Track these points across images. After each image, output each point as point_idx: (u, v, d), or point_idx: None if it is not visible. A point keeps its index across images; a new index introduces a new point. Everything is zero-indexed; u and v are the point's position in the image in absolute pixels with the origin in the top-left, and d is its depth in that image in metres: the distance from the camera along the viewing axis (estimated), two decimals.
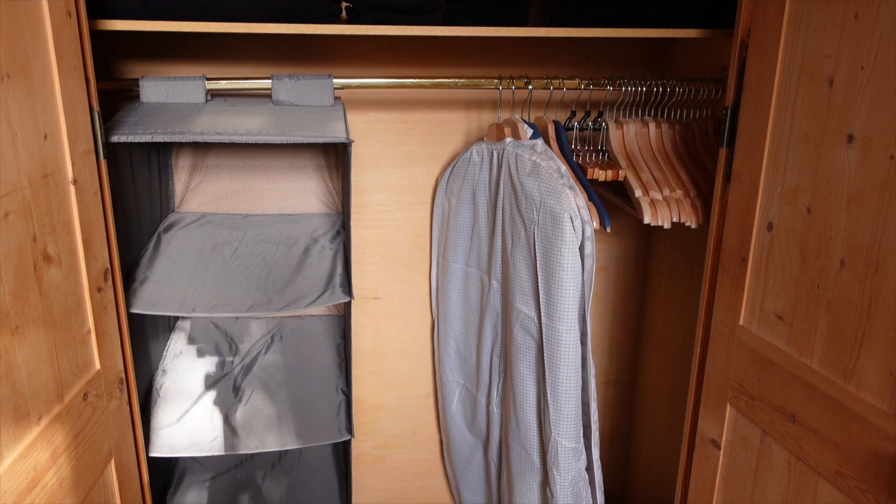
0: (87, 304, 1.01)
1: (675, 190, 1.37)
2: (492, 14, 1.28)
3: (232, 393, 1.48)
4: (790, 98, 1.00)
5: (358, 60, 1.61)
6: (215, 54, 1.56)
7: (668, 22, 1.30)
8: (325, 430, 1.40)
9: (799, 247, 0.99)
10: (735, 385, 1.13)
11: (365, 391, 1.87)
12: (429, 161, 1.71)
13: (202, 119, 1.21)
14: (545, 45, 1.66)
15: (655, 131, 1.45)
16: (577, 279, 1.26)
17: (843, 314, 0.92)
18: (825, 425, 0.95)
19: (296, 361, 1.59)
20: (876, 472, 0.87)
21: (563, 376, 1.30)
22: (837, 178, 0.92)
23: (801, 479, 1.01)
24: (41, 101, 0.88)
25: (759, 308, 1.08)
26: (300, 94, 1.33)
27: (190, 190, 1.62)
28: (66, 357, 0.94)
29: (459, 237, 1.59)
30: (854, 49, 0.88)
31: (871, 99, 0.86)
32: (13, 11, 0.82)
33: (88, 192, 1.01)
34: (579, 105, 1.58)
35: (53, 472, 0.90)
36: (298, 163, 1.63)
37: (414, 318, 1.83)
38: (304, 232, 1.55)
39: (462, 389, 1.72)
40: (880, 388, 0.86)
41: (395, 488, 1.98)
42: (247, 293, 1.29)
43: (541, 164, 1.29)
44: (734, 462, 1.16)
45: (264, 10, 1.20)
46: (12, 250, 0.81)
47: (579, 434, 1.34)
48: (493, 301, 1.51)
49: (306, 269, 1.39)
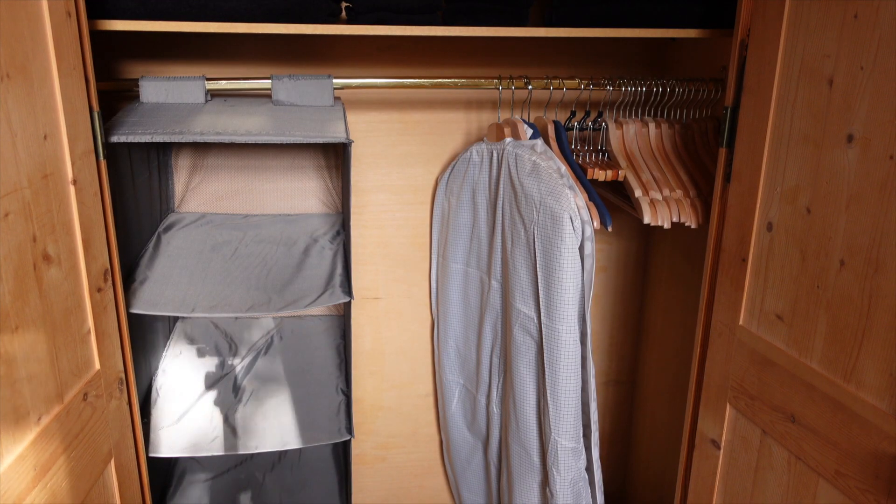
0: (86, 304, 1.01)
1: (674, 190, 1.37)
2: (492, 14, 1.28)
3: (232, 393, 1.48)
4: (790, 98, 1.00)
5: (358, 60, 1.61)
6: (215, 54, 1.56)
7: (667, 22, 1.30)
8: (325, 430, 1.40)
9: (799, 247, 0.99)
10: (735, 385, 1.13)
11: (365, 391, 1.87)
12: (429, 161, 1.71)
13: (202, 119, 1.21)
14: (545, 45, 1.66)
15: (655, 131, 1.45)
16: (577, 279, 1.26)
17: (843, 314, 0.92)
18: (825, 425, 0.95)
19: (296, 362, 1.59)
20: (876, 472, 0.87)
21: (562, 376, 1.30)
22: (837, 178, 0.92)
23: (800, 479, 1.01)
24: (41, 101, 0.88)
25: (759, 308, 1.08)
26: (300, 95, 1.33)
27: (190, 190, 1.62)
28: (66, 357, 0.94)
29: (459, 237, 1.59)
30: (854, 49, 0.88)
31: (871, 99, 0.86)
32: (13, 11, 0.82)
33: (88, 193, 1.01)
34: (579, 105, 1.58)
35: (53, 473, 0.90)
36: (298, 163, 1.63)
37: (414, 318, 1.83)
38: (303, 232, 1.55)
39: (462, 389, 1.72)
40: (880, 388, 0.86)
41: (394, 488, 1.98)
42: (247, 293, 1.29)
43: (540, 164, 1.29)
44: (734, 462, 1.16)
45: (264, 10, 1.20)
46: (12, 250, 0.81)
47: (579, 434, 1.34)
48: (492, 301, 1.51)
49: (306, 269, 1.39)
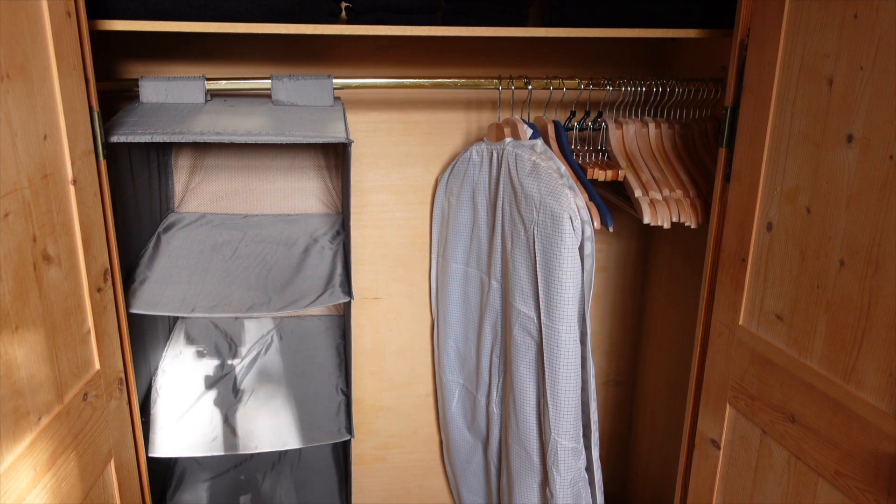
0: (86, 304, 1.01)
1: (674, 190, 1.37)
2: (491, 14, 1.28)
3: (232, 393, 1.48)
4: (789, 98, 1.00)
5: (358, 60, 1.61)
6: (215, 54, 1.56)
7: (667, 22, 1.30)
8: (324, 430, 1.40)
9: (798, 247, 0.99)
10: (735, 385, 1.13)
11: (365, 391, 1.87)
12: (428, 161, 1.71)
13: (202, 119, 1.21)
14: (545, 45, 1.66)
15: (655, 131, 1.45)
16: (577, 279, 1.26)
17: (843, 314, 0.91)
18: (825, 425, 0.95)
19: (295, 362, 1.59)
20: (875, 472, 0.87)
21: (562, 376, 1.30)
22: (837, 178, 0.92)
23: (800, 478, 1.01)
24: (41, 102, 0.88)
25: (759, 308, 1.08)
26: (300, 95, 1.33)
27: (190, 190, 1.62)
28: (66, 357, 0.94)
29: (459, 237, 1.59)
30: (853, 49, 0.88)
31: (871, 99, 0.86)
32: (13, 11, 0.82)
33: (88, 193, 1.01)
34: (579, 105, 1.58)
35: (53, 473, 0.90)
36: (298, 163, 1.63)
37: (414, 318, 1.83)
38: (303, 232, 1.55)
39: (462, 389, 1.72)
40: (880, 388, 0.86)
41: (394, 488, 1.97)
42: (246, 293, 1.29)
43: (540, 164, 1.29)
44: (734, 462, 1.16)
45: (264, 10, 1.20)
46: (12, 250, 0.81)
47: (579, 434, 1.34)
48: (492, 301, 1.51)
49: (306, 269, 1.39)
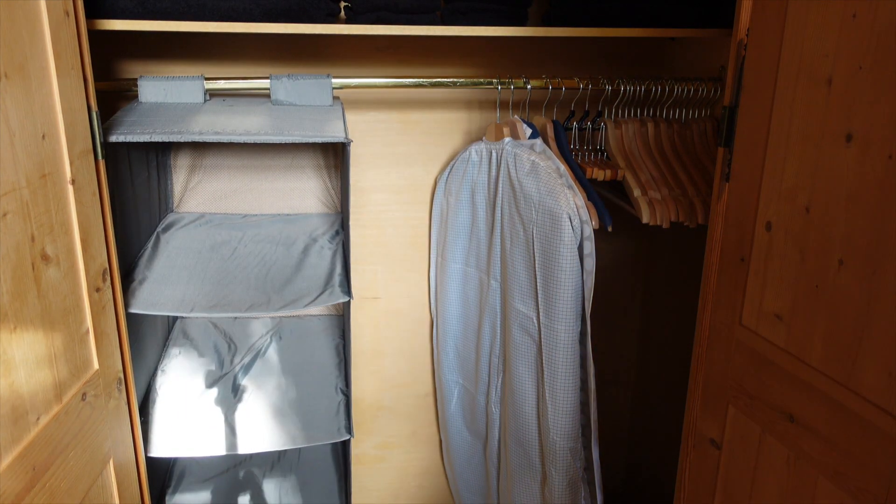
0: (85, 304, 1.01)
1: (673, 189, 1.37)
2: (490, 14, 1.28)
3: (231, 393, 1.48)
4: (789, 97, 1.00)
5: (357, 60, 1.61)
6: (214, 54, 1.56)
7: (667, 21, 1.30)
8: (324, 430, 1.40)
9: (798, 246, 0.99)
10: (735, 385, 1.13)
11: (364, 391, 1.87)
12: (428, 161, 1.71)
13: (201, 119, 1.21)
14: (544, 45, 1.66)
15: (654, 131, 1.45)
16: (576, 279, 1.25)
17: (843, 314, 0.91)
18: (825, 425, 0.95)
19: (295, 361, 1.59)
20: (875, 472, 0.87)
21: (561, 376, 1.30)
22: (836, 178, 0.92)
23: (800, 478, 1.01)
24: (39, 101, 0.88)
25: (759, 308, 1.08)
26: (299, 94, 1.32)
27: (189, 190, 1.61)
28: (65, 357, 0.94)
29: (458, 237, 1.59)
30: (852, 49, 0.88)
31: (870, 98, 0.86)
32: (11, 11, 0.82)
33: (87, 192, 1.01)
34: (578, 105, 1.58)
35: (52, 473, 0.90)
36: (297, 163, 1.63)
37: (413, 318, 1.83)
38: (303, 232, 1.55)
39: (461, 389, 1.72)
40: (880, 387, 0.86)
41: (394, 488, 1.97)
42: (246, 293, 1.29)
43: (539, 164, 1.29)
44: (734, 461, 1.16)
45: (263, 10, 1.20)
46: (10, 250, 0.81)
47: (578, 434, 1.34)
48: (491, 301, 1.51)
49: (305, 268, 1.39)
